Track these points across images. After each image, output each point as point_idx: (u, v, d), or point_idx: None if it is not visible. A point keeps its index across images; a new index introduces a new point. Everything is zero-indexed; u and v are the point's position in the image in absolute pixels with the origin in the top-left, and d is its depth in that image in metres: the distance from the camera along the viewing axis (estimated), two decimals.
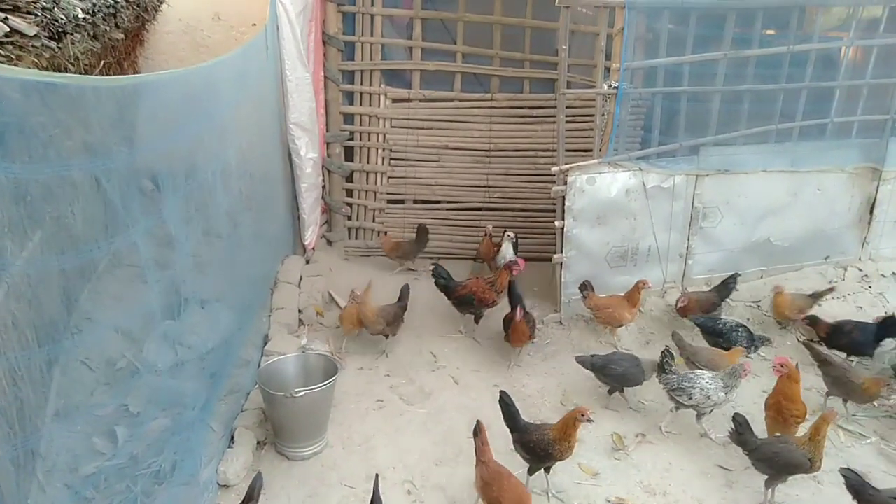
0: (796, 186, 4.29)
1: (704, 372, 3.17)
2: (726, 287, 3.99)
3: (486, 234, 4.65)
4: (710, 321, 3.75)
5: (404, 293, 3.84)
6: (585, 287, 3.84)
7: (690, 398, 3.06)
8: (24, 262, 2.20)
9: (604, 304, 3.79)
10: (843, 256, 4.52)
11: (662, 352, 3.21)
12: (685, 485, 2.85)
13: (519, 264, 3.80)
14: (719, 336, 3.64)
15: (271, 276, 4.23)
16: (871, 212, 4.46)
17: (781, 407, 2.97)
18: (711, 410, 3.10)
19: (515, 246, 4.34)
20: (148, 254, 2.73)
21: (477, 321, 3.93)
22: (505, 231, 4.45)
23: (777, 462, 2.69)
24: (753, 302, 4.20)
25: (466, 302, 3.84)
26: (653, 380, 3.27)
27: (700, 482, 2.88)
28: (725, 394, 3.04)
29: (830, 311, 3.95)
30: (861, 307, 3.84)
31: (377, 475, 2.50)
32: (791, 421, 2.94)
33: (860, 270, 4.46)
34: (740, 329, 3.62)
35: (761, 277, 4.36)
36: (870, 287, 4.33)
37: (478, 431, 2.64)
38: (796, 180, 4.28)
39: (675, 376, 3.13)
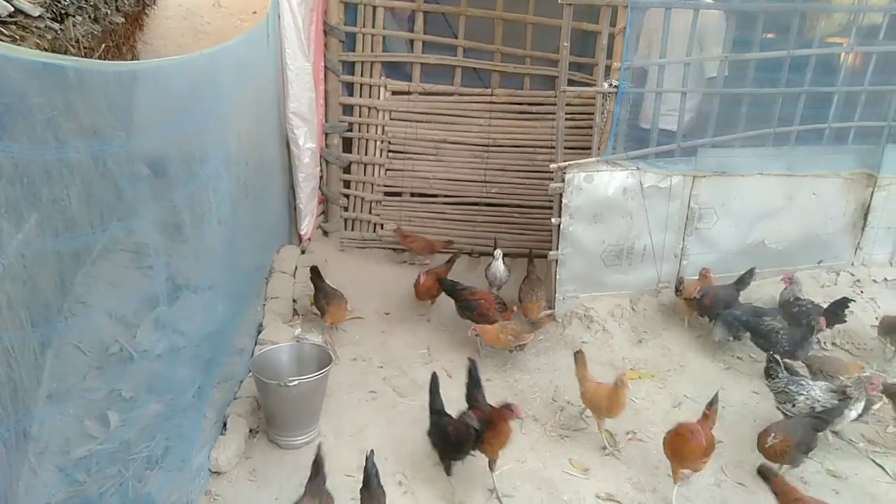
0: (792, 190, 4.31)
1: (820, 382, 3.07)
2: (743, 281, 4.00)
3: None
4: (753, 319, 3.67)
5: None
6: (681, 281, 4.06)
7: (794, 405, 2.98)
8: (20, 244, 2.19)
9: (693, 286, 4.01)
10: (837, 261, 4.55)
11: (768, 357, 3.17)
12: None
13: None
14: (762, 336, 3.58)
15: (266, 265, 4.23)
16: (865, 217, 4.49)
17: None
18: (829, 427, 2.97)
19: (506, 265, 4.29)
20: (144, 239, 2.72)
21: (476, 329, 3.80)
22: (495, 243, 4.46)
23: None
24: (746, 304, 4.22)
25: (469, 308, 3.79)
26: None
27: (688, 480, 2.90)
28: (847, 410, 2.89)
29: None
30: (853, 312, 3.87)
31: (371, 451, 2.48)
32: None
33: (852, 275, 4.49)
34: (781, 332, 3.53)
35: (754, 279, 4.38)
36: (862, 292, 4.36)
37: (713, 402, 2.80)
38: (792, 184, 4.30)
39: (783, 378, 3.06)
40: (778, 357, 3.19)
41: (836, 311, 3.78)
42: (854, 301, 3.87)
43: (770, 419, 3.26)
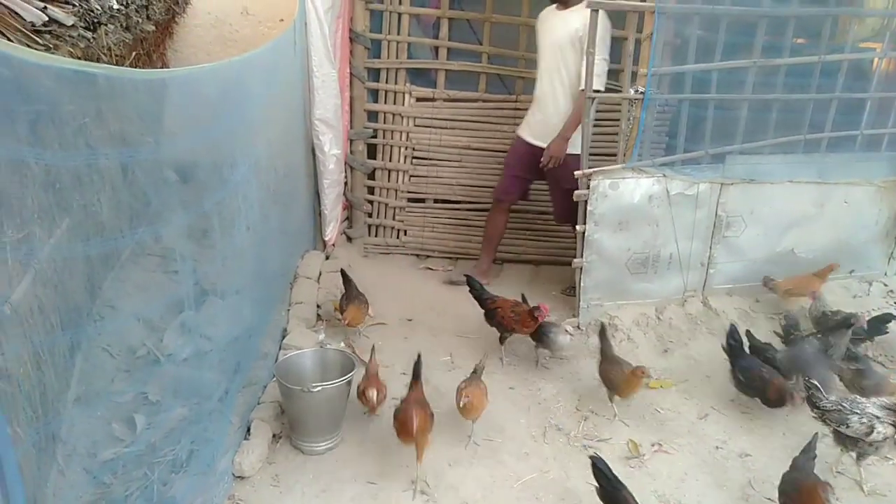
0: (823, 198, 4.23)
1: (875, 399, 2.88)
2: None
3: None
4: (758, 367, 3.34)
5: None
6: (769, 280, 4.11)
7: (848, 426, 2.78)
8: (52, 249, 2.23)
9: (795, 281, 4.05)
10: (869, 271, 4.44)
11: (805, 384, 3.00)
12: (700, 496, 2.82)
13: (543, 311, 3.55)
14: (784, 373, 3.30)
15: (291, 270, 4.26)
16: None
17: None
18: (877, 450, 2.82)
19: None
20: (171, 244, 2.76)
21: (501, 342, 3.77)
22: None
23: None
24: (775, 314, 4.14)
25: (490, 316, 3.76)
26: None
27: (715, 493, 2.84)
28: None
29: None
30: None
31: (419, 354, 2.90)
32: None
33: (885, 286, 4.38)
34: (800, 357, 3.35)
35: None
36: (895, 303, 4.25)
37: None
38: (823, 192, 4.21)
39: (831, 400, 2.87)
40: (815, 382, 2.98)
41: (878, 326, 3.67)
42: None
43: (799, 432, 3.19)
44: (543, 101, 4.16)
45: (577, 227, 3.91)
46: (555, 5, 4.06)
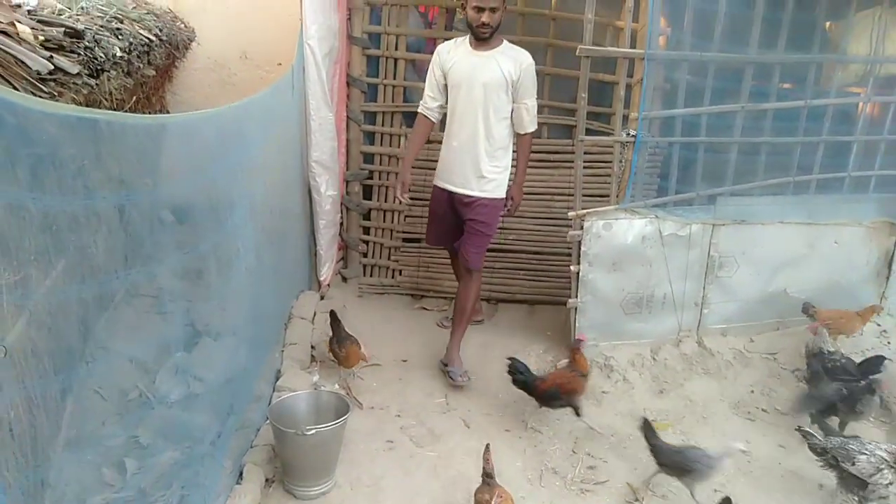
0: (813, 239, 4.28)
1: (885, 445, 2.86)
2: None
3: None
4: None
5: None
6: (810, 307, 4.09)
7: (854, 464, 2.76)
8: (47, 291, 2.23)
9: (836, 315, 4.03)
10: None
11: (801, 433, 3.02)
12: None
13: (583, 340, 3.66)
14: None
15: (286, 311, 4.25)
16: (890, 266, 4.43)
17: None
18: (879, 498, 2.77)
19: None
20: (165, 285, 2.76)
21: (577, 413, 3.49)
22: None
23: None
24: (770, 354, 4.15)
25: (552, 396, 3.46)
26: None
27: None
28: None
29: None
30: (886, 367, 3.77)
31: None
32: None
33: (878, 325, 4.40)
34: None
35: (777, 329, 4.31)
36: (888, 343, 4.26)
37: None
38: (813, 232, 4.27)
39: (834, 440, 2.86)
40: (807, 429, 3.00)
41: (871, 369, 3.67)
42: (890, 360, 3.75)
43: (799, 474, 3.16)
44: (469, 144, 3.76)
45: (572, 268, 3.94)
46: (466, 42, 3.70)
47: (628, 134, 3.80)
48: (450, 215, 4.02)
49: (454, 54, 3.73)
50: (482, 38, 3.62)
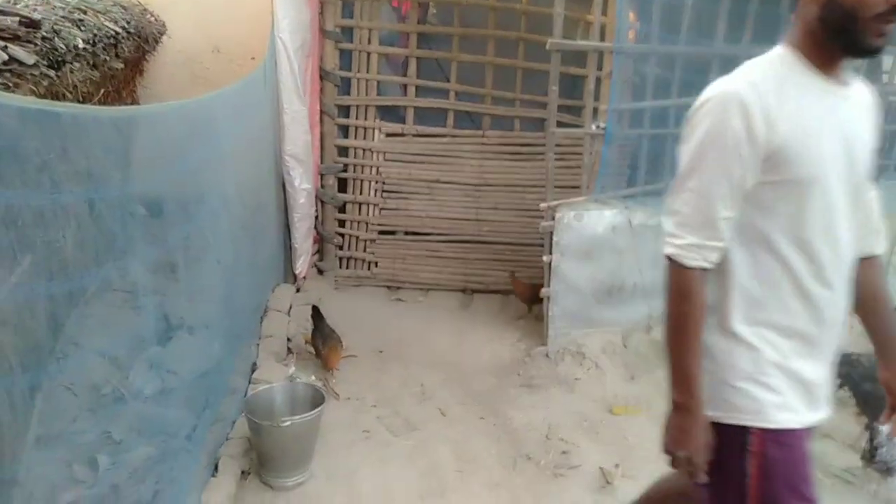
0: None
1: None
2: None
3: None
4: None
5: None
6: None
7: None
8: (13, 288, 2.21)
9: None
10: None
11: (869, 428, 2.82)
12: None
13: None
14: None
15: (262, 303, 4.24)
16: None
17: None
18: None
19: None
20: (137, 280, 2.75)
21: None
22: None
23: None
24: None
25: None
26: None
27: None
28: None
29: None
30: None
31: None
32: None
33: None
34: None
35: None
36: None
37: None
38: None
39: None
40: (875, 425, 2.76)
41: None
42: None
43: None
44: (842, 302, 1.58)
45: (544, 258, 3.99)
46: (797, 67, 1.54)
47: (598, 126, 3.85)
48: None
49: (785, 96, 1.50)
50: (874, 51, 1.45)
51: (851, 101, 1.53)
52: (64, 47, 2.25)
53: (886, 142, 4.42)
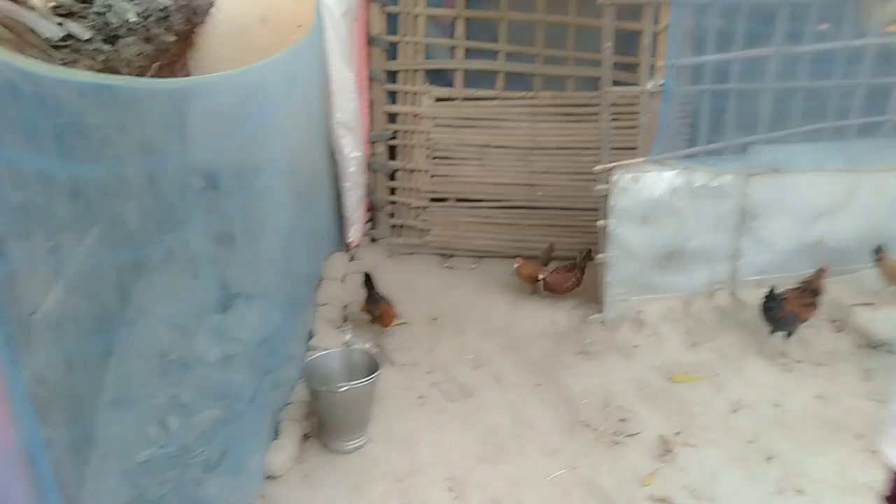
0: (852, 186, 4.14)
1: None
2: None
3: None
4: None
5: None
6: (880, 249, 3.90)
7: None
8: (82, 257, 2.28)
9: None
10: None
11: None
12: (734, 491, 2.78)
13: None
14: None
15: (317, 272, 4.30)
16: None
17: None
18: None
19: None
20: (198, 250, 2.81)
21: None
22: None
23: None
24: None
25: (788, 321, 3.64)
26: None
27: (748, 488, 2.80)
28: None
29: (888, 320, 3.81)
30: None
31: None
32: None
33: None
34: None
35: None
36: None
37: None
38: (852, 179, 4.13)
39: None
40: None
41: None
42: None
43: (837, 426, 3.13)
44: None
45: (600, 223, 3.89)
46: None
47: (656, 84, 3.69)
48: None
49: None
50: None
51: None
52: (116, 21, 2.27)
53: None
